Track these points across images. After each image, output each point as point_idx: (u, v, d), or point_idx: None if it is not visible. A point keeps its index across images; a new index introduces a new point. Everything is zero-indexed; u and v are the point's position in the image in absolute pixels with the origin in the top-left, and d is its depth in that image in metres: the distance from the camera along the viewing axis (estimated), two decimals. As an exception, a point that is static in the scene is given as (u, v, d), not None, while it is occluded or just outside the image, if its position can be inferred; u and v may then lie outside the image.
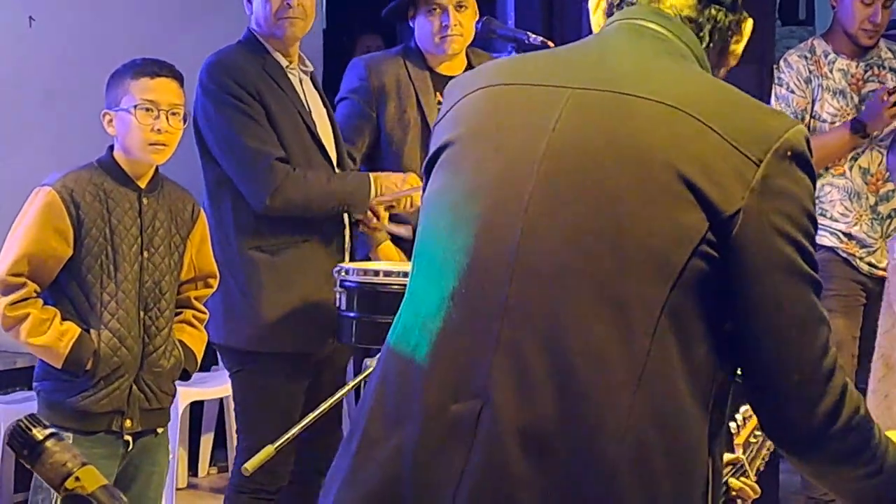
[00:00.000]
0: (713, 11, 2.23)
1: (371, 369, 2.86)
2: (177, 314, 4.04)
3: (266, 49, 4.39)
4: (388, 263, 4.38)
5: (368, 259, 4.58)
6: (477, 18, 4.78)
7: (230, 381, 4.46)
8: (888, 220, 5.18)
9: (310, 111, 4.41)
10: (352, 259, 4.44)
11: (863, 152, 5.16)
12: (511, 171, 2.08)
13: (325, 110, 4.51)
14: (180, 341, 4.01)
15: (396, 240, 4.64)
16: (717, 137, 2.01)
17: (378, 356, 2.19)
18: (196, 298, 4.11)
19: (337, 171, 4.42)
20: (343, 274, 4.16)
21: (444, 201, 2.15)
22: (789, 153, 2.03)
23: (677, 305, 1.98)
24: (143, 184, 3.93)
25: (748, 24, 2.27)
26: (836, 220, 5.16)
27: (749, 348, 2.04)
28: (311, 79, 4.52)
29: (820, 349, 2.04)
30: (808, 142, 2.07)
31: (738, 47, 2.27)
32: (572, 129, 2.07)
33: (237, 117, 4.27)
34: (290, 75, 4.40)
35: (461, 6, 4.75)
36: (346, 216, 4.42)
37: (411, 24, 4.83)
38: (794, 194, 2.03)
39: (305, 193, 4.26)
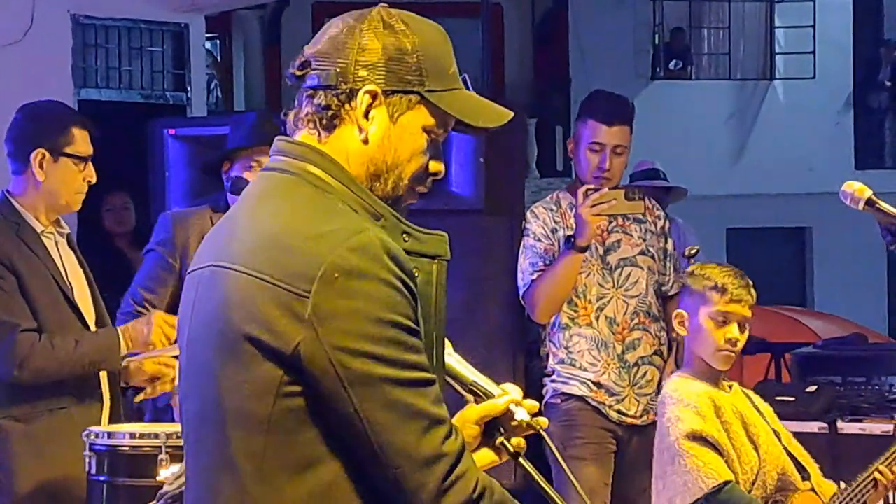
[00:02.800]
0: (321, 99, 2.37)
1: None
2: None
3: (20, 214, 4.39)
4: (140, 425, 4.34)
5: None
6: None
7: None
8: (635, 368, 5.28)
9: (65, 274, 4.42)
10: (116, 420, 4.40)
11: (608, 302, 5.28)
12: (182, 364, 2.45)
13: (81, 270, 4.53)
14: None
15: None
16: (272, 287, 2.25)
17: None
18: None
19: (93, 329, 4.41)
20: (93, 437, 4.13)
21: None
22: (336, 275, 2.22)
23: (280, 445, 2.27)
24: None
25: (365, 91, 2.36)
26: (585, 370, 5.25)
27: (356, 450, 2.27)
28: (68, 240, 4.52)
29: (413, 444, 2.25)
30: (364, 249, 2.24)
31: (357, 113, 2.36)
32: (195, 313, 2.39)
33: None
34: (45, 239, 4.41)
35: None
36: (105, 382, 4.41)
37: (224, 177, 4.83)
38: (353, 309, 2.22)
39: (54, 360, 4.25)
